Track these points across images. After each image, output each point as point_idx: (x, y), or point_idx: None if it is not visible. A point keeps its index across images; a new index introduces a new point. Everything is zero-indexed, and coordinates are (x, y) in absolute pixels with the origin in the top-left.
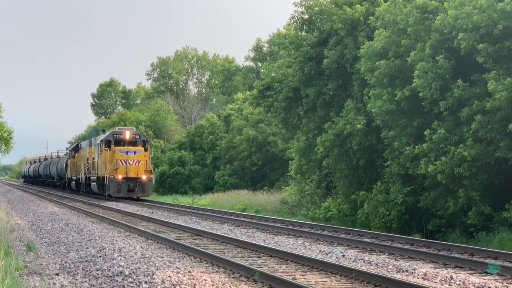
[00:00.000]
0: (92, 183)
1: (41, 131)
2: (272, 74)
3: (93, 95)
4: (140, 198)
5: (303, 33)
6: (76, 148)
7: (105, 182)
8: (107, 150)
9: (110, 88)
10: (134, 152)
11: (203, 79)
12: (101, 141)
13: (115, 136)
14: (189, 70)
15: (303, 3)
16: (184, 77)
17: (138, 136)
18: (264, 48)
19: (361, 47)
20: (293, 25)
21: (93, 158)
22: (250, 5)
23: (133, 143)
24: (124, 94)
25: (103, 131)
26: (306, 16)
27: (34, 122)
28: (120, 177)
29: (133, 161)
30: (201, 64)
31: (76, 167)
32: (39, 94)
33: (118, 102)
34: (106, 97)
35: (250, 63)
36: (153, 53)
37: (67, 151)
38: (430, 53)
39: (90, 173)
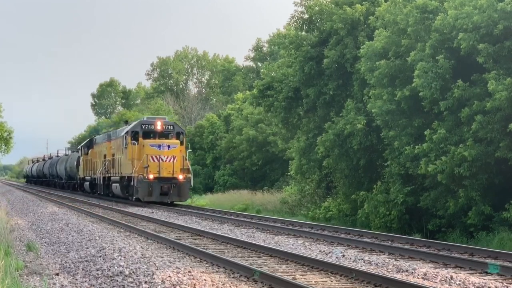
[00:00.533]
0: (114, 185)
1: (41, 131)
2: (272, 74)
3: (93, 95)
4: (174, 202)
5: (303, 33)
6: (89, 144)
7: (132, 183)
8: (134, 144)
9: (110, 88)
10: (168, 146)
11: (203, 79)
12: (126, 133)
13: (143, 126)
14: (189, 70)
15: (303, 2)
16: (184, 77)
17: (171, 126)
18: (264, 48)
19: (361, 47)
20: (293, 24)
21: (113, 155)
22: (250, 5)
23: (165, 135)
24: (124, 94)
25: (126, 122)
26: (306, 16)
27: (34, 122)
28: (151, 176)
29: (167, 157)
30: (201, 64)
31: (90, 165)
32: (39, 94)
33: (118, 102)
34: (106, 97)
35: (250, 63)
36: (153, 53)
37: (80, 147)
38: (430, 53)
39: (110, 172)
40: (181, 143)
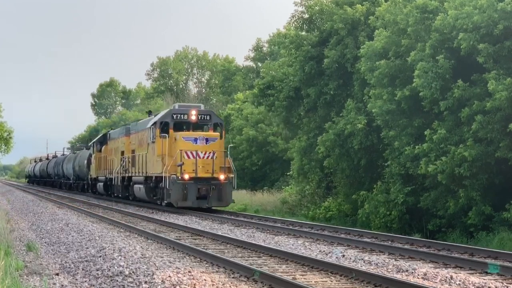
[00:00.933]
0: (136, 186)
1: (41, 131)
2: (272, 73)
3: (93, 95)
4: (213, 208)
5: (303, 33)
6: (103, 140)
7: (162, 185)
8: (164, 137)
9: (110, 88)
10: (206, 140)
11: (203, 79)
12: (154, 124)
13: (175, 116)
14: (189, 70)
15: (303, 2)
16: (184, 77)
17: (208, 116)
18: (264, 48)
19: (361, 47)
20: (293, 24)
21: (133, 151)
22: (250, 5)
23: (201, 126)
24: (124, 94)
25: (150, 113)
26: (306, 16)
27: (34, 122)
28: (186, 177)
29: (205, 153)
30: (201, 64)
31: (104, 164)
32: (39, 94)
33: (118, 102)
34: (106, 97)
35: (250, 63)
36: (153, 53)
37: (91, 144)
38: (430, 53)
39: (129, 172)
40: (221, 137)
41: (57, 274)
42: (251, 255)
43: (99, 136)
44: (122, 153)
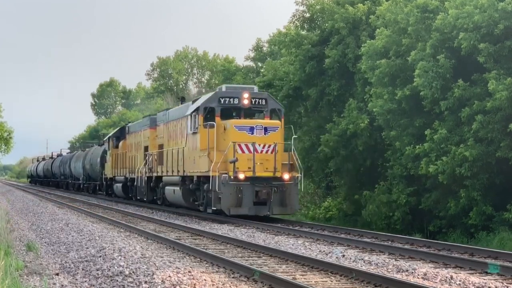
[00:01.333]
0: (169, 188)
1: (41, 131)
2: (274, 72)
3: (93, 95)
4: (274, 215)
5: (304, 32)
6: (120, 134)
7: (207, 187)
8: (210, 126)
9: (110, 88)
10: (265, 130)
11: (203, 79)
12: (196, 110)
13: (222, 100)
14: (189, 70)
15: (304, 1)
16: (184, 77)
17: (263, 100)
18: (264, 48)
19: (363, 45)
20: (294, 23)
21: (160, 146)
22: (250, 5)
23: (253, 113)
24: (124, 94)
25: (181, 99)
26: (307, 15)
27: (34, 122)
28: (241, 176)
29: (264, 147)
30: (201, 64)
31: (123, 161)
32: (39, 94)
33: (118, 102)
34: (106, 97)
35: (250, 63)
36: (153, 53)
37: (106, 139)
38: (431, 52)
39: (157, 171)
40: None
41: (57, 274)
42: (251, 255)
43: (115, 130)
44: (145, 148)
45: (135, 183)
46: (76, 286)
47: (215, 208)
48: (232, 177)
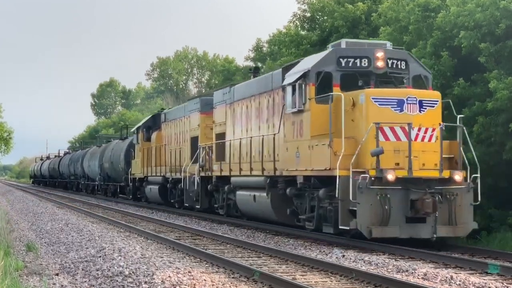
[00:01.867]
0: (244, 194)
1: (41, 131)
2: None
3: (93, 95)
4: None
5: (304, 32)
6: (153, 124)
7: (327, 194)
8: (326, 101)
9: (110, 88)
10: (421, 104)
11: (203, 79)
12: (302, 78)
13: (343, 62)
14: (189, 70)
15: (305, 0)
16: (184, 77)
17: (403, 63)
18: (264, 48)
19: None
20: (294, 23)
21: (219, 136)
22: (250, 5)
23: (390, 81)
24: (124, 94)
25: (254, 70)
26: (308, 15)
27: (34, 122)
28: (390, 177)
29: (420, 131)
30: (201, 64)
31: (160, 157)
32: (39, 94)
33: (118, 102)
34: (106, 97)
35: (250, 63)
36: (153, 53)
37: (134, 129)
38: (432, 51)
39: (213, 169)
40: None
41: (57, 274)
42: (251, 255)
43: (146, 119)
44: (192, 140)
45: (181, 185)
46: (76, 286)
47: (345, 227)
48: (373, 178)
